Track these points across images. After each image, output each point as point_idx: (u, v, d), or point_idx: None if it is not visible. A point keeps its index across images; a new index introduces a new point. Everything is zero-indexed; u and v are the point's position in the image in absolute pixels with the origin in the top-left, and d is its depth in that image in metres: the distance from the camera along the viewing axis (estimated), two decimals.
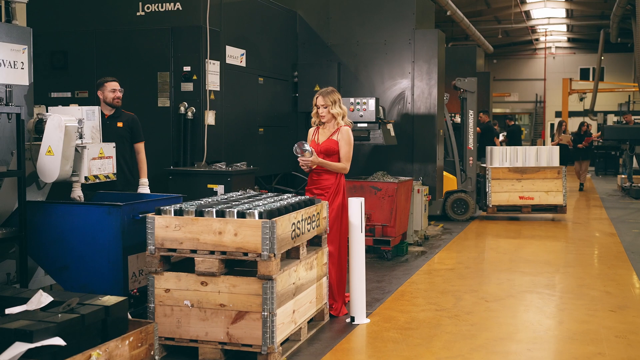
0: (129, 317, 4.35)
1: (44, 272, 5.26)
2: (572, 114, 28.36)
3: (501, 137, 17.55)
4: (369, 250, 7.68)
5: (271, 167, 9.09)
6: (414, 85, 9.46)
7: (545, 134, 36.61)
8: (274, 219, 4.39)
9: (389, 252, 7.90)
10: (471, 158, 10.97)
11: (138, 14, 7.66)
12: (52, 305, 4.02)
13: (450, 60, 11.68)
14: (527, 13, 29.73)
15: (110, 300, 4.15)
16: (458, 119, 14.49)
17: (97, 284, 4.92)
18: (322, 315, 5.39)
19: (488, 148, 11.59)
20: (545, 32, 33.74)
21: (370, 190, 7.85)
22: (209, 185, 6.90)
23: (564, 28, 33.54)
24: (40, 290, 4.10)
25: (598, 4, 27.64)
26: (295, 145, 5.58)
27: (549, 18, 30.81)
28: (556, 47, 38.08)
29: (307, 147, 5.56)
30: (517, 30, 32.87)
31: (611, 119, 23.10)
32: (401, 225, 8.12)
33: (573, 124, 28.06)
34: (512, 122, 18.29)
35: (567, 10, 29.69)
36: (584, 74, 36.24)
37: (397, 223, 7.91)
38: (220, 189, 6.89)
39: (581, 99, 33.27)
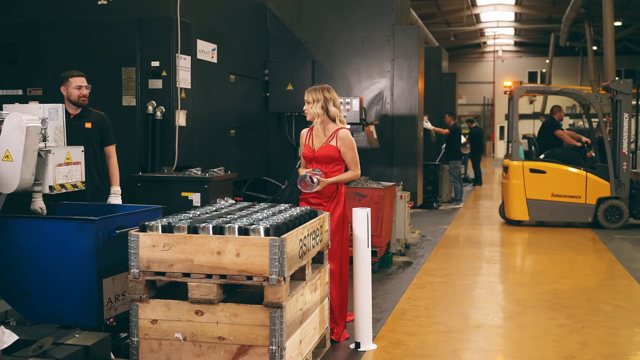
0: (112, 357, 3.66)
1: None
2: (523, 116, 28.42)
3: (463, 140, 17.15)
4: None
5: (242, 172, 8.38)
6: (393, 85, 8.92)
7: (495, 136, 36.84)
8: (284, 236, 3.75)
9: (375, 264, 7.31)
10: (625, 163, 10.35)
11: (100, 2, 6.85)
12: (19, 346, 3.31)
13: None
14: (477, 16, 29.76)
15: (89, 338, 3.46)
16: (427, 124, 14.02)
17: (66, 313, 4.19)
18: (324, 342, 4.75)
19: None
20: (494, 35, 33.96)
21: (354, 197, 7.26)
22: (184, 194, 6.19)
23: (511, 32, 33.84)
24: (2, 327, 3.37)
25: (547, 7, 27.84)
26: (301, 182, 4.98)
27: (498, 21, 30.97)
28: (503, 51, 38.47)
29: (314, 179, 4.95)
30: (466, 34, 32.93)
31: (567, 122, 23.27)
32: (387, 234, 7.56)
33: (524, 127, 28.20)
34: (474, 125, 17.96)
35: (515, 14, 29.87)
36: (532, 78, 36.71)
37: (383, 232, 7.34)
38: (195, 197, 6.18)
39: (531, 102, 33.60)
